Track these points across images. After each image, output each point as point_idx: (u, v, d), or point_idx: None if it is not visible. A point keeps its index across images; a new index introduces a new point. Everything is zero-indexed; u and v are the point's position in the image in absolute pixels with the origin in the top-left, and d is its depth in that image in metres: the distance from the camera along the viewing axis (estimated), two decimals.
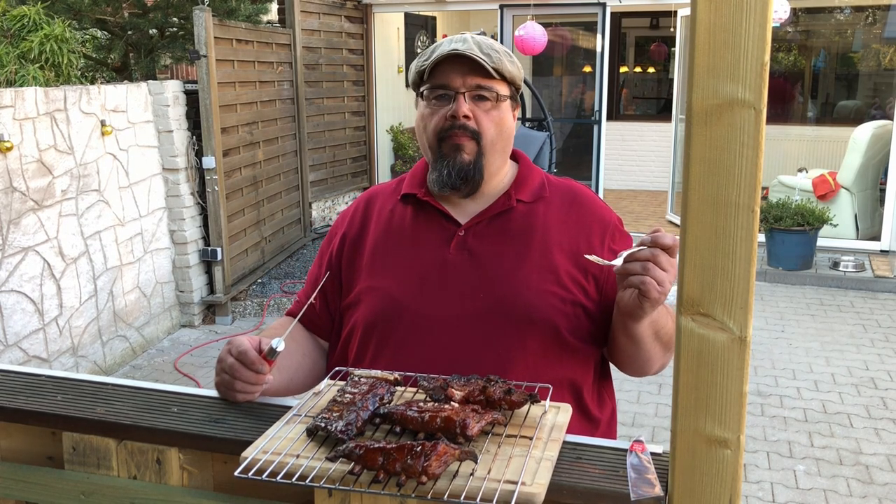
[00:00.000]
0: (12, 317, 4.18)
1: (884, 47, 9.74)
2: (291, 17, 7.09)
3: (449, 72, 1.39)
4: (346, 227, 1.53)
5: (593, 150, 8.40)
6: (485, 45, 1.40)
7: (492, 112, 1.40)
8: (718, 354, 0.89)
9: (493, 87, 1.40)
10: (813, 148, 9.43)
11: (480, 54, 1.37)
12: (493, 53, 1.39)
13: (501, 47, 1.43)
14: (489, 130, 1.40)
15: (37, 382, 1.34)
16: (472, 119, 1.39)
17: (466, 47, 1.38)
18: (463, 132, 1.39)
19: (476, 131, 1.39)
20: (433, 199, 1.46)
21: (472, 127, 1.39)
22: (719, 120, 0.84)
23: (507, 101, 1.43)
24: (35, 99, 4.32)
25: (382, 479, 0.96)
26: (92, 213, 4.80)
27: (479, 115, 1.39)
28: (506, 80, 1.42)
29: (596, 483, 1.00)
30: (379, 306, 1.41)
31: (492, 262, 1.39)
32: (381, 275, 1.44)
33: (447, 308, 1.37)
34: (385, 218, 1.50)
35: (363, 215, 1.53)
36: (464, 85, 1.38)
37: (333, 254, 1.52)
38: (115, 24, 6.06)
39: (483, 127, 1.39)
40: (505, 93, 1.42)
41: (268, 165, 6.66)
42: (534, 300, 1.36)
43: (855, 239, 7.40)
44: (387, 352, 1.39)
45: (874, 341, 5.34)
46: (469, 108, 1.38)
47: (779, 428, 4.10)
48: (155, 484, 1.17)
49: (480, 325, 1.35)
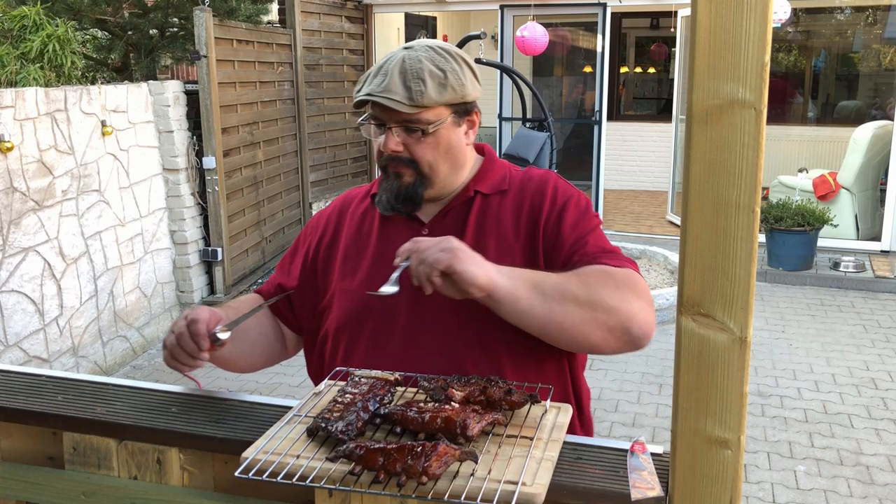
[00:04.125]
0: (13, 317, 4.18)
1: (884, 47, 9.73)
2: (292, 18, 7.09)
3: (376, 104, 1.37)
4: (321, 230, 1.56)
5: (594, 150, 8.39)
6: (411, 75, 1.34)
7: (424, 140, 1.37)
8: (719, 355, 0.88)
9: (419, 120, 1.35)
10: (813, 148, 9.43)
11: (397, 93, 1.33)
12: (416, 86, 1.33)
13: (438, 70, 1.36)
14: (424, 157, 1.38)
15: (37, 382, 1.34)
16: (405, 150, 1.38)
17: (384, 87, 1.34)
18: (398, 163, 1.39)
19: (410, 160, 1.39)
20: None
21: (406, 157, 1.39)
22: (720, 120, 0.84)
23: (447, 121, 1.38)
24: (35, 99, 4.32)
25: (383, 480, 0.96)
26: (92, 214, 4.80)
27: (410, 145, 1.37)
28: (441, 106, 1.36)
29: (596, 483, 1.00)
30: (347, 308, 1.44)
31: None
32: (350, 277, 1.46)
33: (411, 306, 1.39)
34: (357, 221, 1.52)
35: (337, 219, 1.56)
36: (390, 119, 1.36)
37: (308, 254, 1.55)
38: (116, 24, 6.06)
39: (417, 156, 1.38)
40: (438, 118, 1.37)
41: (268, 166, 6.66)
42: None
43: (855, 239, 7.40)
44: (356, 353, 1.42)
45: (875, 342, 5.34)
46: (399, 142, 1.37)
47: (779, 428, 4.10)
48: (155, 484, 1.17)
49: (443, 320, 1.37)
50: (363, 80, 1.41)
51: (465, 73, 1.39)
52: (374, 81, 1.36)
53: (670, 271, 6.44)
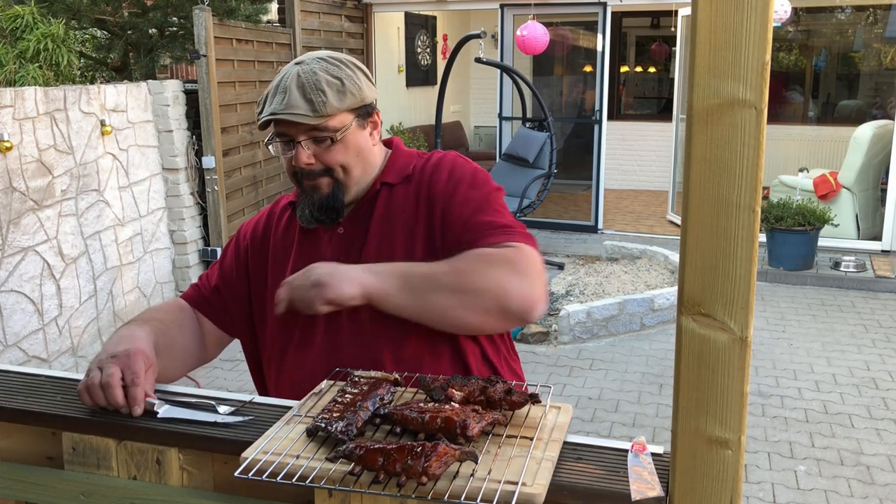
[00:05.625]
0: (12, 317, 4.18)
1: (885, 47, 9.73)
2: (291, 17, 7.09)
3: (280, 122, 1.40)
4: (250, 238, 1.60)
5: (594, 149, 8.39)
6: (310, 87, 1.38)
7: (335, 147, 1.42)
8: (719, 355, 0.88)
9: (326, 128, 1.40)
10: (814, 148, 9.43)
11: (300, 107, 1.37)
12: (317, 98, 1.38)
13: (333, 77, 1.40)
14: (336, 163, 1.43)
15: (36, 382, 1.33)
16: (316, 161, 1.42)
17: (286, 104, 1.38)
18: (312, 175, 1.43)
19: (324, 169, 1.43)
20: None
21: (318, 168, 1.43)
22: (720, 120, 0.83)
23: (352, 126, 1.43)
24: (35, 99, 4.32)
25: (382, 480, 0.95)
26: (92, 213, 4.80)
27: (321, 154, 1.42)
28: (344, 111, 1.41)
29: (596, 483, 1.00)
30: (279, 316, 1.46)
31: (363, 251, 1.45)
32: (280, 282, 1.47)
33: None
34: (282, 227, 1.57)
35: (265, 227, 1.59)
36: (299, 132, 1.40)
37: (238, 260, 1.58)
38: (115, 23, 6.06)
39: (330, 163, 1.43)
40: (343, 125, 1.41)
41: (268, 165, 6.66)
42: None
43: (856, 239, 7.40)
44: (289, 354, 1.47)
45: (875, 341, 5.34)
46: (310, 154, 1.41)
47: (780, 428, 4.10)
48: (155, 484, 1.16)
49: (359, 316, 1.40)
50: (262, 102, 1.45)
51: (359, 78, 1.44)
52: (275, 101, 1.40)
53: (670, 271, 6.44)
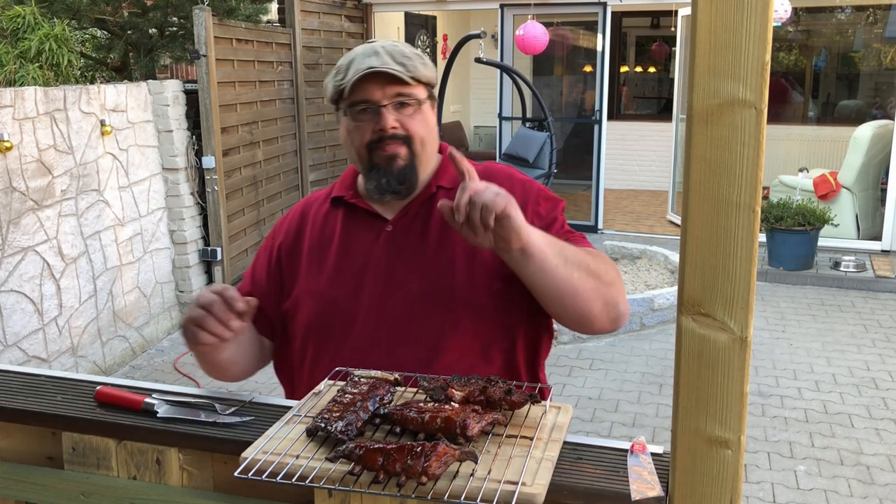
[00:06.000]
0: (12, 317, 4.18)
1: (885, 47, 9.73)
2: (291, 17, 7.08)
3: (368, 86, 1.41)
4: (283, 236, 1.58)
5: (594, 149, 8.39)
6: (397, 53, 1.43)
7: (416, 115, 1.44)
8: (719, 355, 0.88)
9: (412, 94, 1.43)
10: (814, 148, 9.43)
11: (396, 66, 1.41)
12: (407, 62, 1.43)
13: (413, 51, 1.47)
14: (418, 133, 1.44)
15: (36, 382, 1.33)
16: (399, 126, 1.43)
17: (381, 62, 1.41)
18: (393, 140, 1.43)
19: (406, 136, 1.44)
20: (361, 201, 1.52)
21: (402, 134, 1.43)
22: (720, 120, 0.83)
23: (427, 102, 1.47)
24: (35, 99, 4.32)
25: (382, 480, 0.95)
26: (91, 213, 4.80)
27: (404, 121, 1.43)
28: (423, 84, 1.46)
29: (596, 483, 1.00)
30: (314, 309, 1.46)
31: (418, 253, 1.44)
32: (316, 279, 1.48)
33: (379, 302, 1.42)
34: (319, 224, 1.55)
35: (299, 223, 1.58)
36: (385, 97, 1.42)
37: (272, 261, 1.57)
38: (115, 23, 6.06)
39: (411, 131, 1.44)
40: (424, 96, 1.46)
41: (268, 165, 6.66)
42: (459, 283, 1.41)
43: (856, 239, 7.40)
44: (327, 351, 1.44)
45: (875, 341, 5.34)
46: (395, 119, 1.43)
47: (779, 428, 4.10)
48: (155, 484, 1.16)
49: (411, 316, 1.40)
50: (342, 71, 1.45)
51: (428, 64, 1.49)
52: (366, 62, 1.41)
53: (670, 271, 6.44)
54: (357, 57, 1.44)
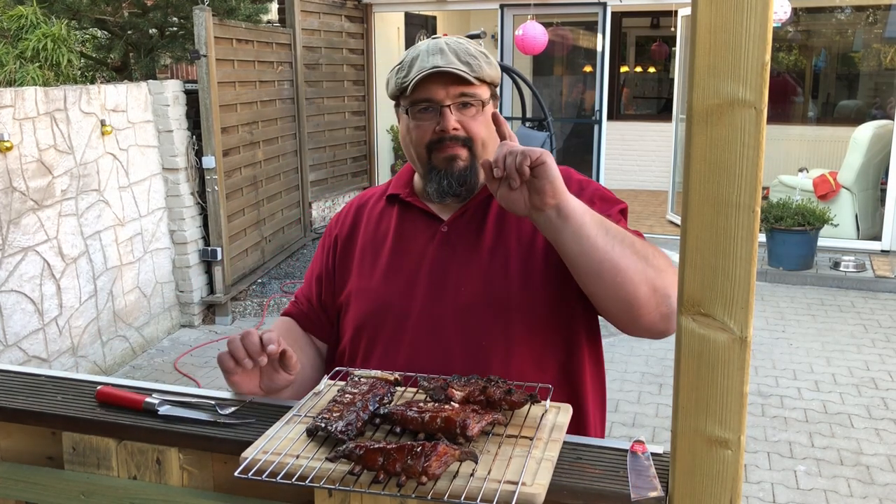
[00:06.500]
0: (12, 317, 4.18)
1: (884, 47, 9.73)
2: (291, 17, 7.08)
3: (431, 85, 1.37)
4: (339, 229, 1.56)
5: (594, 149, 8.39)
6: (462, 52, 1.39)
7: (478, 117, 1.40)
8: (719, 355, 0.88)
9: (476, 95, 1.39)
10: (814, 148, 9.43)
11: (461, 66, 1.37)
12: (472, 61, 1.38)
13: (477, 49, 1.42)
14: (479, 135, 1.40)
15: (36, 382, 1.33)
16: (461, 128, 1.39)
17: (447, 61, 1.37)
18: (454, 142, 1.40)
19: (467, 138, 1.40)
20: (417, 200, 1.49)
21: (463, 135, 1.40)
22: (720, 120, 0.83)
23: (490, 102, 1.43)
24: (35, 99, 4.32)
25: (382, 480, 0.95)
26: (92, 213, 4.80)
27: (466, 122, 1.39)
28: (486, 83, 1.42)
29: (596, 483, 1.00)
30: (366, 307, 1.44)
31: (473, 255, 1.41)
32: (368, 276, 1.46)
33: (432, 304, 1.39)
34: (374, 220, 1.52)
35: (354, 218, 1.55)
36: (448, 97, 1.38)
37: (328, 255, 1.55)
38: (115, 23, 6.06)
39: (473, 132, 1.40)
40: (487, 96, 1.42)
41: (268, 165, 6.66)
42: (513, 287, 1.38)
43: (856, 239, 7.40)
44: (376, 351, 1.42)
45: (875, 341, 5.34)
46: (456, 120, 1.39)
47: (779, 428, 4.10)
48: (155, 484, 1.16)
49: (464, 318, 1.37)
50: (405, 68, 1.40)
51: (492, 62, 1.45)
52: (432, 60, 1.37)
53: None
54: (421, 54, 1.39)
